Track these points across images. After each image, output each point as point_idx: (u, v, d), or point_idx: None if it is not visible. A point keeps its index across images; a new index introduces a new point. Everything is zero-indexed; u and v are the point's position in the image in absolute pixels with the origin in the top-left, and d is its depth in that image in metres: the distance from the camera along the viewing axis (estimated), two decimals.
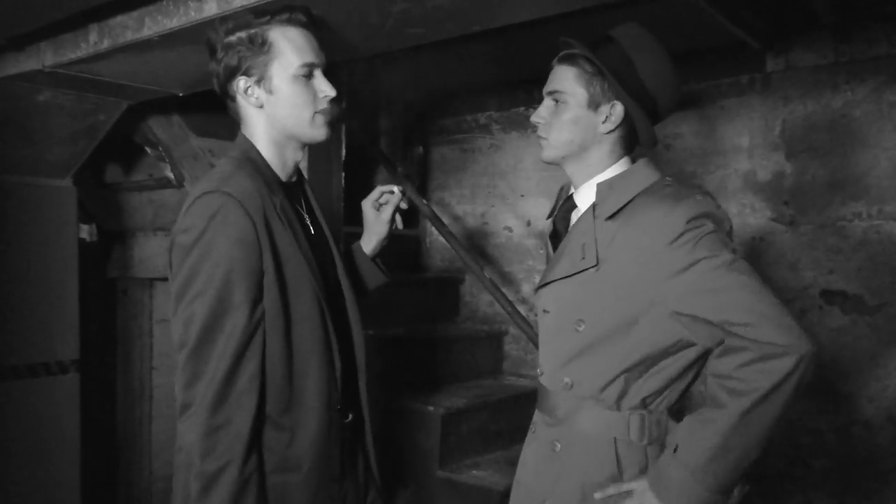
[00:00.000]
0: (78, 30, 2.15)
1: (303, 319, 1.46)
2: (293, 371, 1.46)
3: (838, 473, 2.67)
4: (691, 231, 1.32)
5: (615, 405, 1.43)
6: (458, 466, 2.74)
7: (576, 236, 1.47)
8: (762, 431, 1.29)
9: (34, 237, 3.00)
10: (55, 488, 3.02)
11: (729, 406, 1.29)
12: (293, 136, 1.54)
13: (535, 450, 1.57)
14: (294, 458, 1.46)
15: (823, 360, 2.69)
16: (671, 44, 1.50)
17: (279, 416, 1.44)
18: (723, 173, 2.91)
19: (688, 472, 1.31)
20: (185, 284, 1.38)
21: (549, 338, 1.55)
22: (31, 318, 3.00)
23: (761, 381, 1.26)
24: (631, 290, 1.38)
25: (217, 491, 1.35)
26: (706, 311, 1.32)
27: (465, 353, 3.29)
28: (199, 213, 1.39)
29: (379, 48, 2.16)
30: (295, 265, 1.46)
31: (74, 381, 3.12)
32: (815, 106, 2.72)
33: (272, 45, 1.46)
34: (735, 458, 1.30)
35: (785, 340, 1.26)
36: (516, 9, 1.85)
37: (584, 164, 1.49)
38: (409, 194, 1.77)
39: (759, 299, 1.30)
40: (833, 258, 2.68)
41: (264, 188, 1.46)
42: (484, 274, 3.05)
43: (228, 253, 1.37)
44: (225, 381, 1.36)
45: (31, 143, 2.80)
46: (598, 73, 1.42)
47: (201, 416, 1.35)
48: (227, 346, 1.36)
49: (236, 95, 1.51)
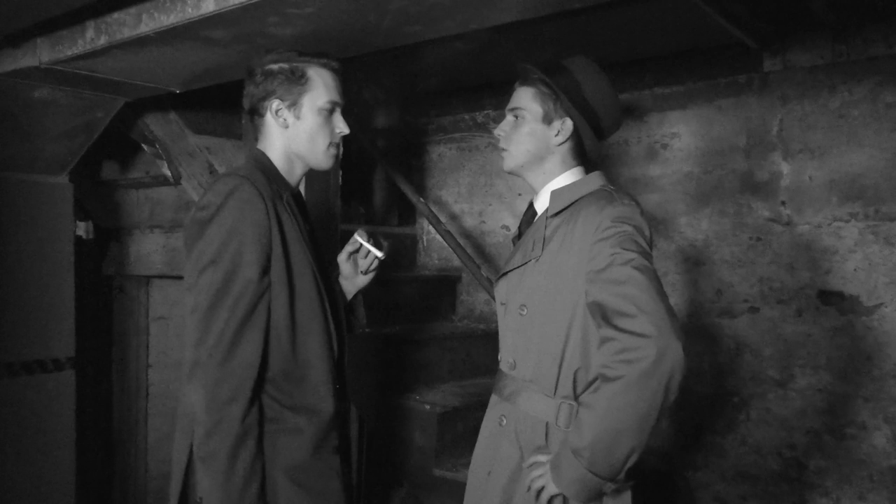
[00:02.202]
0: (75, 26, 2.14)
1: (304, 295, 1.63)
2: (296, 343, 1.62)
3: (834, 474, 2.68)
4: (614, 228, 1.51)
5: (551, 392, 1.59)
6: (454, 465, 2.74)
7: (530, 234, 1.69)
8: (631, 417, 1.40)
9: (30, 234, 3.00)
10: (51, 486, 3.01)
11: (601, 391, 1.45)
12: (304, 158, 1.75)
13: (487, 427, 1.75)
14: (295, 426, 1.60)
15: (819, 361, 2.69)
16: (669, 43, 1.55)
17: (283, 380, 1.60)
18: (720, 173, 2.91)
19: (572, 453, 1.46)
20: (201, 254, 1.54)
21: (504, 324, 1.73)
22: (27, 315, 3.00)
23: (625, 369, 1.40)
24: (564, 277, 1.57)
25: (218, 436, 1.48)
26: (607, 297, 1.46)
27: (462, 351, 3.28)
28: (216, 192, 1.57)
29: (376, 46, 2.16)
30: (299, 250, 1.64)
31: (70, 378, 3.12)
32: (813, 106, 2.72)
33: (309, 79, 1.70)
34: (609, 441, 1.42)
35: (652, 333, 1.38)
36: (513, 8, 1.85)
37: (540, 171, 1.69)
38: (370, 234, 1.86)
39: (643, 295, 1.42)
40: (830, 258, 2.69)
41: (274, 184, 1.67)
42: (481, 272, 3.05)
43: (242, 225, 1.54)
44: (233, 338, 1.51)
45: (27, 140, 2.79)
46: (552, 93, 1.64)
47: (210, 368, 1.49)
48: (236, 307, 1.52)
49: (266, 113, 1.71)
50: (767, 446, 2.80)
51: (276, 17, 1.87)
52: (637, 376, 1.38)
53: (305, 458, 1.61)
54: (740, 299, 2.86)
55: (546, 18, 1.93)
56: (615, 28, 2.54)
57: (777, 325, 2.78)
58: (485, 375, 3.33)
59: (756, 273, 2.83)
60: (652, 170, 3.08)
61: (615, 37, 2.65)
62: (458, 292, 3.72)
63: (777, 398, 2.78)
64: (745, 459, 2.85)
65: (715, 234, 2.93)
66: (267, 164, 1.72)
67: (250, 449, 1.52)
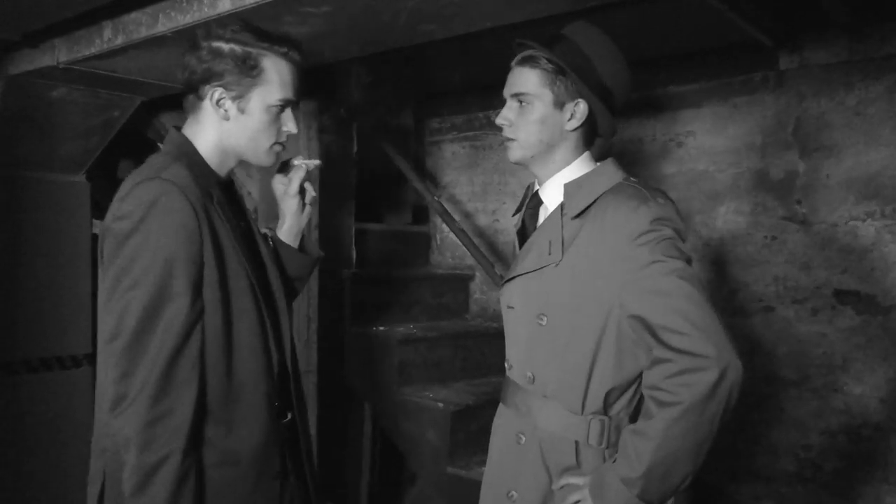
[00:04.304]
0: (92, 26, 2.16)
1: (241, 313, 1.45)
2: (232, 365, 1.43)
3: (849, 476, 2.66)
4: (654, 232, 1.35)
5: (577, 409, 1.46)
6: (468, 463, 2.74)
7: (543, 233, 1.51)
8: (689, 444, 1.30)
9: (48, 232, 3.03)
10: (68, 481, 3.04)
11: (656, 418, 1.31)
12: (241, 155, 1.54)
13: (500, 442, 1.60)
14: (232, 453, 1.43)
15: (835, 361, 2.67)
16: (684, 42, 1.52)
17: (218, 410, 1.42)
18: (735, 171, 2.90)
19: (620, 480, 1.34)
20: (122, 273, 1.34)
21: (514, 332, 1.58)
22: (45, 312, 3.03)
23: (684, 394, 1.28)
24: (592, 285, 1.41)
25: (156, 485, 1.30)
26: (652, 312, 1.33)
27: (475, 349, 3.29)
28: (137, 200, 1.35)
29: (391, 44, 2.17)
30: (233, 259, 1.44)
31: (87, 374, 3.15)
32: (829, 104, 2.70)
33: (263, 71, 1.47)
34: (664, 470, 1.31)
35: (711, 353, 1.27)
36: (527, 6, 1.85)
37: (550, 161, 1.54)
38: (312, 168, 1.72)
39: (697, 310, 1.30)
40: (846, 258, 2.67)
41: (202, 181, 1.45)
42: (494, 271, 3.05)
43: (169, 240, 1.34)
44: (165, 371, 1.32)
45: (45, 139, 2.82)
46: (561, 72, 1.46)
47: (140, 406, 1.30)
48: (167, 336, 1.32)
49: (204, 99, 1.49)
50: (782, 447, 2.79)
51: (292, 16, 1.88)
52: (698, 401, 1.27)
53: (247, 490, 1.45)
54: (755, 298, 2.85)
55: (560, 16, 1.93)
56: (630, 26, 2.52)
57: (792, 324, 2.77)
58: (498, 374, 3.32)
59: (771, 272, 2.82)
60: (666, 168, 3.07)
61: (630, 35, 2.62)
62: (472, 291, 3.73)
63: (792, 398, 2.76)
64: (758, 460, 2.83)
65: (729, 233, 2.91)
66: (193, 155, 1.49)
67: (189, 495, 1.34)
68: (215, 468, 1.41)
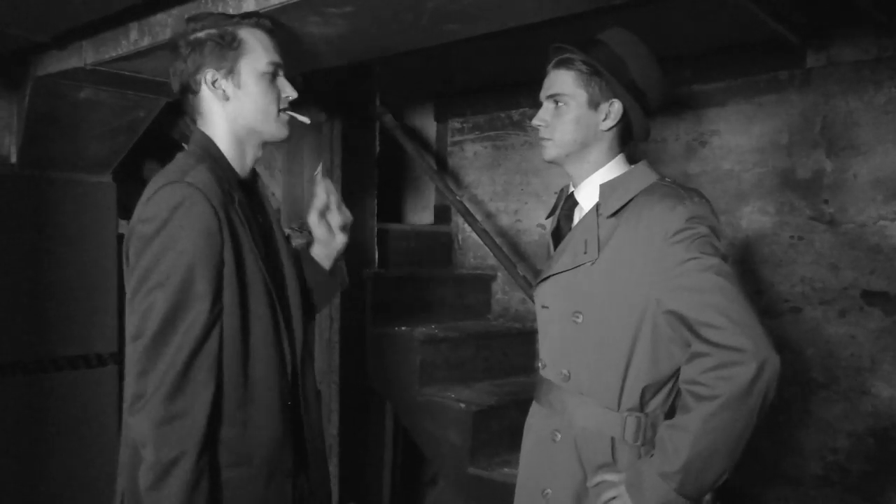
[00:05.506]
0: (119, 28, 2.18)
1: (258, 317, 1.47)
2: (247, 366, 1.46)
3: (877, 479, 2.62)
4: (689, 230, 1.38)
5: (614, 405, 1.48)
6: (489, 463, 2.74)
7: (579, 233, 1.54)
8: (728, 438, 1.32)
9: (75, 232, 3.06)
10: (94, 479, 3.08)
11: (694, 412, 1.33)
12: (256, 131, 1.56)
13: (534, 440, 1.62)
14: (245, 453, 1.45)
15: (863, 363, 2.63)
16: (708, 39, 1.52)
17: (234, 411, 1.44)
18: (760, 171, 2.87)
19: (658, 475, 1.36)
20: (146, 274, 1.37)
21: (549, 330, 1.61)
22: (72, 311, 3.07)
23: (722, 387, 1.30)
24: (628, 283, 1.44)
25: (170, 482, 1.32)
26: (689, 308, 1.36)
27: (498, 350, 3.28)
28: (161, 204, 1.38)
29: (413, 45, 2.17)
30: (252, 263, 1.46)
31: (113, 373, 3.18)
32: (858, 102, 2.66)
33: (242, 42, 1.52)
34: (702, 464, 1.33)
35: (749, 347, 1.29)
36: (550, 5, 1.84)
37: (585, 161, 1.56)
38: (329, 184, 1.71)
39: (734, 305, 1.33)
40: (874, 258, 2.62)
41: (224, 183, 1.47)
42: (517, 271, 3.05)
43: (192, 243, 1.37)
44: (183, 371, 1.35)
45: (72, 140, 2.85)
46: (595, 73, 1.51)
47: (157, 405, 1.33)
48: (186, 337, 1.35)
49: (201, 88, 1.52)
50: (809, 449, 2.75)
51: (316, 16, 1.88)
52: (736, 395, 1.29)
53: (260, 489, 1.47)
54: (781, 299, 2.81)
55: (583, 15, 1.92)
56: (653, 24, 2.50)
57: (819, 325, 2.73)
58: (520, 375, 3.32)
59: (798, 273, 2.78)
60: (691, 167, 3.04)
61: (653, 33, 2.60)
62: (494, 291, 3.72)
63: (819, 400, 2.72)
64: (784, 462, 2.80)
65: (755, 233, 2.88)
66: (213, 150, 1.52)
67: (203, 493, 1.36)
68: (230, 468, 1.44)
